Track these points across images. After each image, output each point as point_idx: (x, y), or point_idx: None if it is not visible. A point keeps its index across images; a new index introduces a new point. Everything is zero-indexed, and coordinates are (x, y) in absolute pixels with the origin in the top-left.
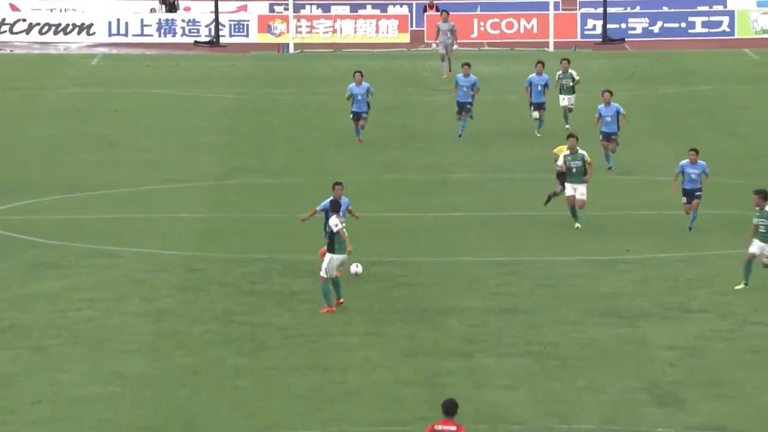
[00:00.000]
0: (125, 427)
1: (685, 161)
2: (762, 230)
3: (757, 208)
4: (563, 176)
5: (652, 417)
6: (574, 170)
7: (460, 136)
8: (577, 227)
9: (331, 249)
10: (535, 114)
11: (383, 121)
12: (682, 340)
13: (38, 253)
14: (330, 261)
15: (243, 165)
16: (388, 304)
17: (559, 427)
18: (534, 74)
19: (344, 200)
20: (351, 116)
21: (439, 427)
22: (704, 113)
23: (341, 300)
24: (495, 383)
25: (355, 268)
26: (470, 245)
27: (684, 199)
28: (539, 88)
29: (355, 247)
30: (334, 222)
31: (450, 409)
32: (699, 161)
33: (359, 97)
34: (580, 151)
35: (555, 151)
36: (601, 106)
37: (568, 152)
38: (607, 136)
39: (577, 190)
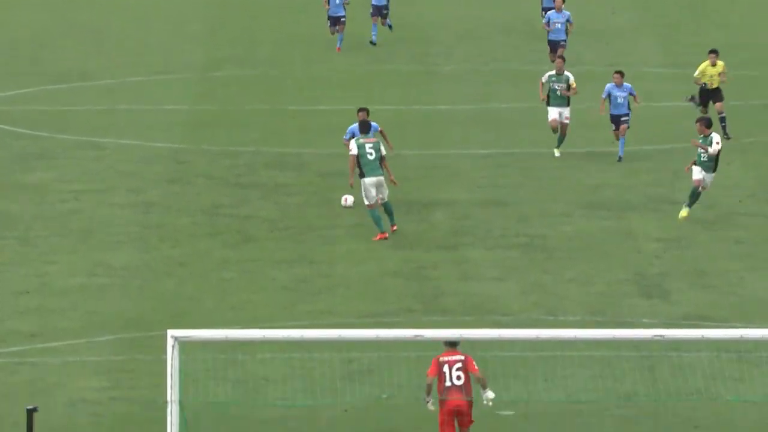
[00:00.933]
0: (112, 317)
1: (610, 84)
2: (704, 159)
3: (701, 136)
4: (703, 95)
5: (638, 308)
6: (558, 92)
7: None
8: (557, 155)
9: (361, 173)
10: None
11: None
12: (667, 232)
13: (25, 144)
14: (364, 185)
15: (229, 56)
16: None
17: (546, 318)
18: None
19: (373, 125)
20: (327, 22)
21: (446, 358)
22: (690, 5)
23: (395, 227)
24: (482, 275)
25: (345, 201)
26: (456, 138)
27: (612, 126)
28: None
29: (332, 142)
30: (351, 146)
31: (452, 341)
32: (625, 83)
33: (337, 1)
34: (566, 72)
35: (696, 74)
36: (551, 13)
37: (553, 72)
38: (555, 45)
39: (561, 114)
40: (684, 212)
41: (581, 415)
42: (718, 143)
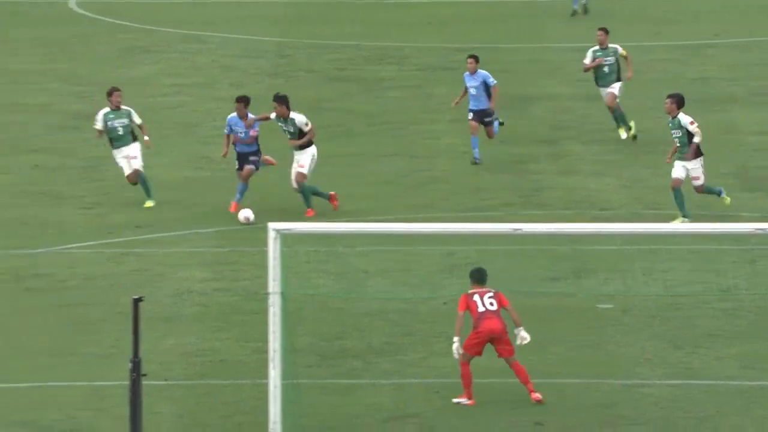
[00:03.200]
0: (216, 210)
1: (465, 73)
2: (678, 144)
3: (670, 116)
4: None
5: (739, 201)
6: (606, 69)
7: None
8: (633, 135)
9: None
10: None
11: None
12: None
13: (130, 37)
14: (314, 157)
15: None
16: None
17: (646, 212)
18: None
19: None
20: None
21: (474, 291)
22: None
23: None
24: (582, 169)
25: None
26: (556, 31)
27: (470, 115)
28: None
29: (433, 35)
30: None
31: (480, 277)
32: (480, 70)
33: None
34: (612, 45)
35: None
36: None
37: (597, 47)
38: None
39: (615, 88)
40: (677, 220)
41: (681, 309)
42: (693, 123)
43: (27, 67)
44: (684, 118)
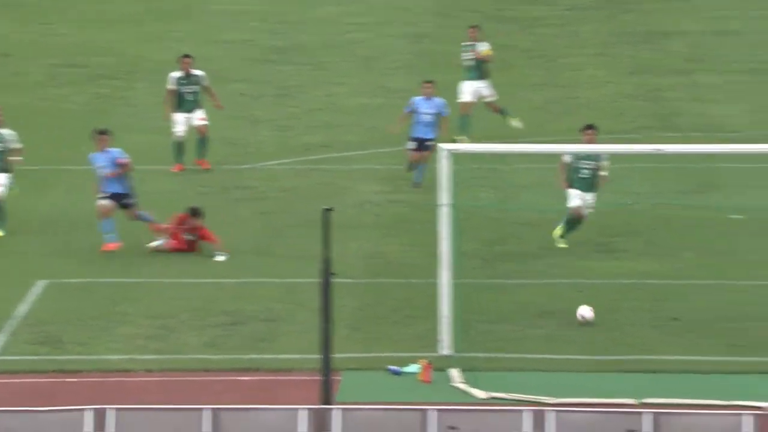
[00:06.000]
0: (390, 132)
1: (417, 98)
2: (585, 175)
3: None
4: None
5: None
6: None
7: None
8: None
9: None
10: None
11: None
12: None
13: None
14: None
15: None
16: (615, 27)
17: None
18: None
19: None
20: None
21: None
22: None
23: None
24: (713, 98)
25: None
26: None
27: (413, 144)
28: None
29: None
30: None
31: (197, 212)
32: (437, 98)
33: None
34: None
35: None
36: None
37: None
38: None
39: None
40: (558, 231)
41: None
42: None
43: (226, 8)
44: (603, 153)
